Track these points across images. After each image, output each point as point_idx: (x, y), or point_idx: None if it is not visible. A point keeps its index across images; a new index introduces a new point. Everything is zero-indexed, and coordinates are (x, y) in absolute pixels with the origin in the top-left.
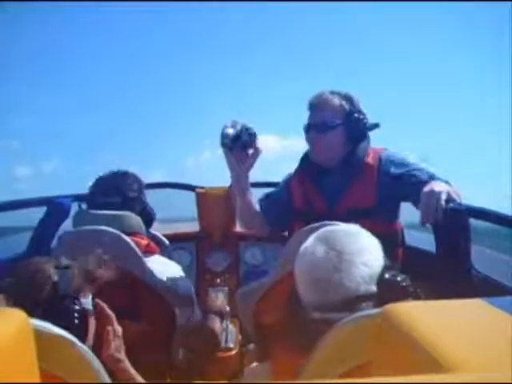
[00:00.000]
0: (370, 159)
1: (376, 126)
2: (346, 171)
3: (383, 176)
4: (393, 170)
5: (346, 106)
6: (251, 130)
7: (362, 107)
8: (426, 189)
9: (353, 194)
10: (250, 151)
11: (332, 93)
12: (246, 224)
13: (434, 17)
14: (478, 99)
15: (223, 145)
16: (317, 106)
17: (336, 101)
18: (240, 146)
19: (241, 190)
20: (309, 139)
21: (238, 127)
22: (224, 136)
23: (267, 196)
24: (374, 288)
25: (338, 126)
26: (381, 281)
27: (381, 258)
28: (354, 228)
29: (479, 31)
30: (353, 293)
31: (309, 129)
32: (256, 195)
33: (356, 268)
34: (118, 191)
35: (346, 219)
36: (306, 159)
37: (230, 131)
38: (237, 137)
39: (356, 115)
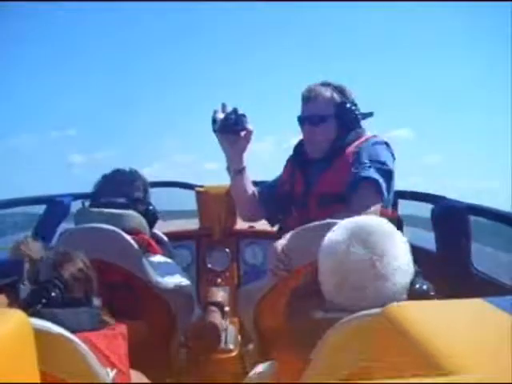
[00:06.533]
0: (351, 148)
1: (370, 114)
2: (327, 159)
3: (353, 164)
4: (357, 159)
5: (338, 98)
6: (240, 112)
7: (353, 98)
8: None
9: (326, 180)
10: (243, 133)
11: (323, 84)
12: (242, 207)
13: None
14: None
15: (214, 130)
16: (309, 98)
17: (327, 93)
18: (231, 129)
19: (235, 171)
20: (302, 131)
21: (228, 110)
22: (214, 121)
23: (266, 182)
24: (405, 297)
25: (328, 118)
26: (411, 290)
27: (411, 262)
28: (387, 226)
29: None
30: (389, 301)
31: (302, 121)
32: None
33: (396, 276)
34: (123, 191)
35: (320, 203)
36: (298, 147)
37: (220, 116)
38: (226, 120)
39: (348, 106)
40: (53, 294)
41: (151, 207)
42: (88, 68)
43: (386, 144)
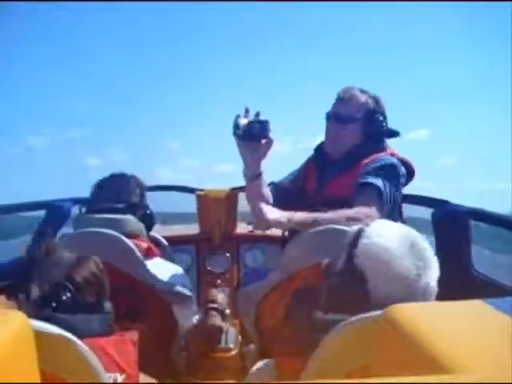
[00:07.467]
0: (368, 159)
1: (396, 134)
2: (343, 164)
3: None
4: (365, 169)
5: (371, 105)
6: (263, 120)
7: (385, 111)
8: None
9: (336, 185)
10: (264, 140)
11: (361, 90)
12: (256, 212)
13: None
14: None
15: (235, 135)
16: (343, 98)
17: (363, 98)
18: (252, 136)
19: (252, 177)
20: (327, 128)
21: (251, 117)
22: (236, 126)
23: (282, 180)
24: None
25: (357, 121)
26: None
27: None
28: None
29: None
30: (433, 292)
31: (330, 118)
32: None
33: (437, 270)
34: (120, 196)
35: (327, 205)
36: (319, 148)
37: (243, 122)
38: (249, 127)
39: (377, 116)
40: (63, 298)
41: (148, 211)
42: (89, 68)
43: (402, 160)
